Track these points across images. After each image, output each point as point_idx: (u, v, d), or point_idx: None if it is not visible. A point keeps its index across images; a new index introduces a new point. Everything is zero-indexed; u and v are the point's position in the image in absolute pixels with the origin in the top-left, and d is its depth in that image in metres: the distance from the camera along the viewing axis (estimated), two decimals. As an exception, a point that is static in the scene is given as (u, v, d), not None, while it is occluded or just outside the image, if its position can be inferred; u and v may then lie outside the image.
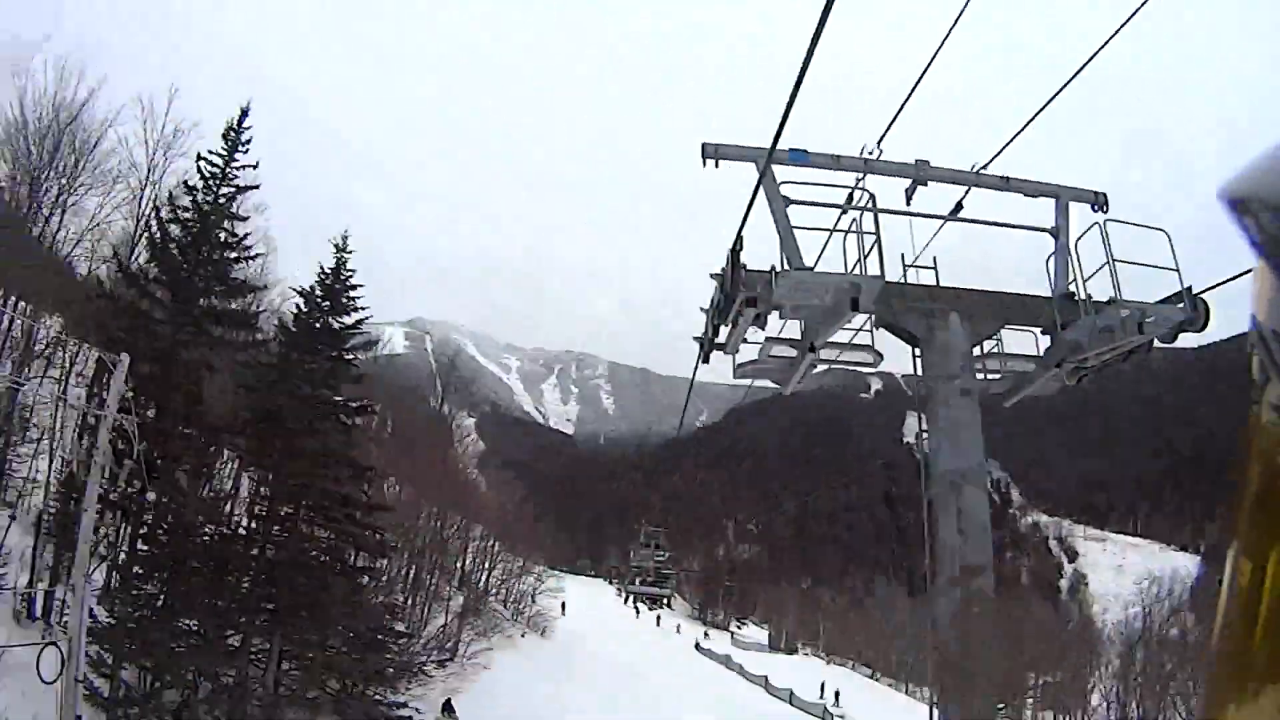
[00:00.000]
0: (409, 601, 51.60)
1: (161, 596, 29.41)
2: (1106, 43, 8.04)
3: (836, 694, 69.41)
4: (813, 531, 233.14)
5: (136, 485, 24.98)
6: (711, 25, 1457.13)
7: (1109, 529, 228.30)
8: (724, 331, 11.14)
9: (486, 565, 68.75)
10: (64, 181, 36.30)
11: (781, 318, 10.99)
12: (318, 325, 33.98)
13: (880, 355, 11.48)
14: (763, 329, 10.98)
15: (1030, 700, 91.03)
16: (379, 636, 35.83)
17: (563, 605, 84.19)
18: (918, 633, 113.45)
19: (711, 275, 11.30)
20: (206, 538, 32.33)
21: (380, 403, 64.55)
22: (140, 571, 28.84)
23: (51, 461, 32.23)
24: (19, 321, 32.71)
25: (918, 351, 10.75)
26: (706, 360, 11.84)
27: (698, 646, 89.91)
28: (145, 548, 29.27)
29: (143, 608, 28.71)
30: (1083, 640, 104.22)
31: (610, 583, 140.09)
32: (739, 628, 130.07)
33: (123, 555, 29.85)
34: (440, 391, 75.92)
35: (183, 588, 29.82)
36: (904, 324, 10.73)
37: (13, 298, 34.09)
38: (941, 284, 11.09)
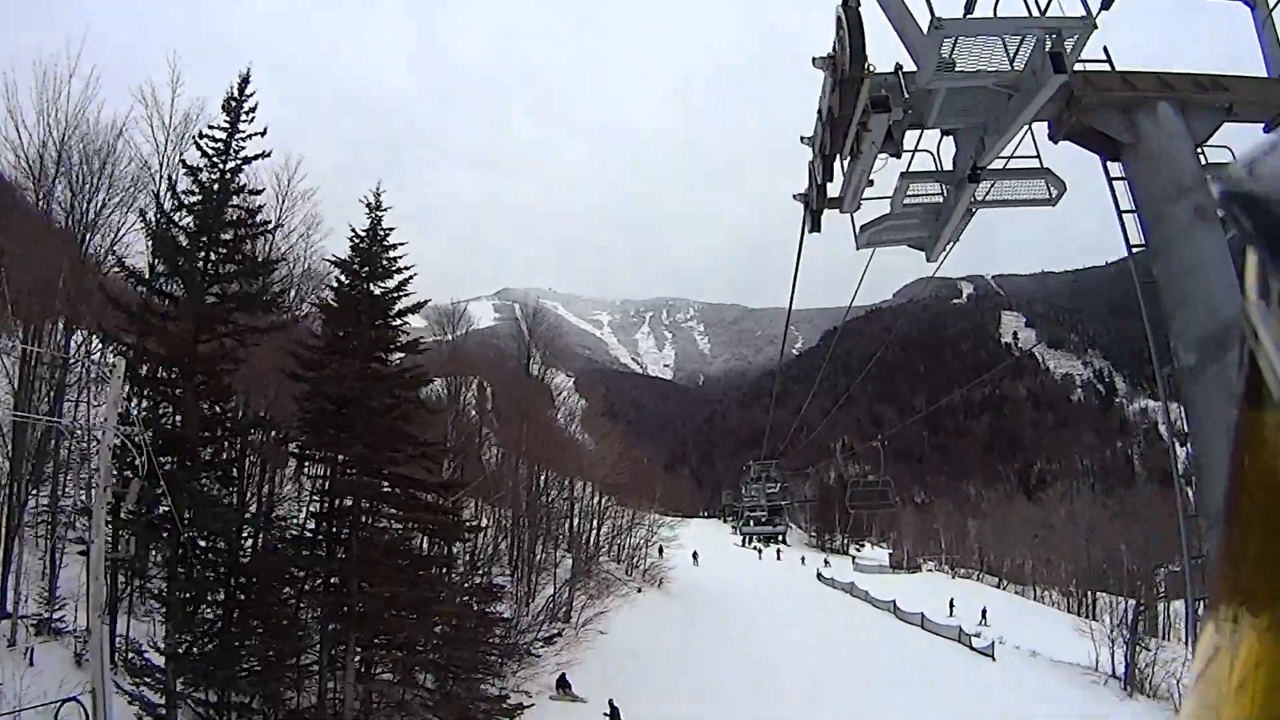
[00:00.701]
0: (515, 575, 49.39)
1: (220, 622, 26.81)
2: None
3: (984, 612, 65.88)
4: (920, 444, 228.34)
5: (162, 506, 22.62)
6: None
7: None
8: (838, 174, 7.77)
9: (595, 522, 66.09)
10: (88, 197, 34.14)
11: (930, 126, 7.54)
12: (356, 294, 30.60)
13: (1063, 183, 7.78)
14: (896, 157, 7.69)
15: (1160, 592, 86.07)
16: (474, 626, 33.13)
17: (694, 555, 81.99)
18: (1037, 534, 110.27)
19: (803, 139, 8.10)
20: (254, 549, 29.99)
21: (475, 375, 62.81)
22: (186, 597, 26.16)
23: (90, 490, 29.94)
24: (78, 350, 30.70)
25: (1115, 168, 7.20)
26: (816, 226, 8.48)
27: (819, 576, 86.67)
28: (183, 570, 26.27)
29: (201, 637, 26.07)
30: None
31: (725, 521, 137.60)
32: (858, 550, 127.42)
33: (162, 584, 27.21)
34: (528, 353, 72.42)
35: (240, 609, 27.26)
36: (1095, 125, 6.95)
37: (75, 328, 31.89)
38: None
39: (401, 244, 31.25)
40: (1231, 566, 1.00)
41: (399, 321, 31.57)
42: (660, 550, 73.43)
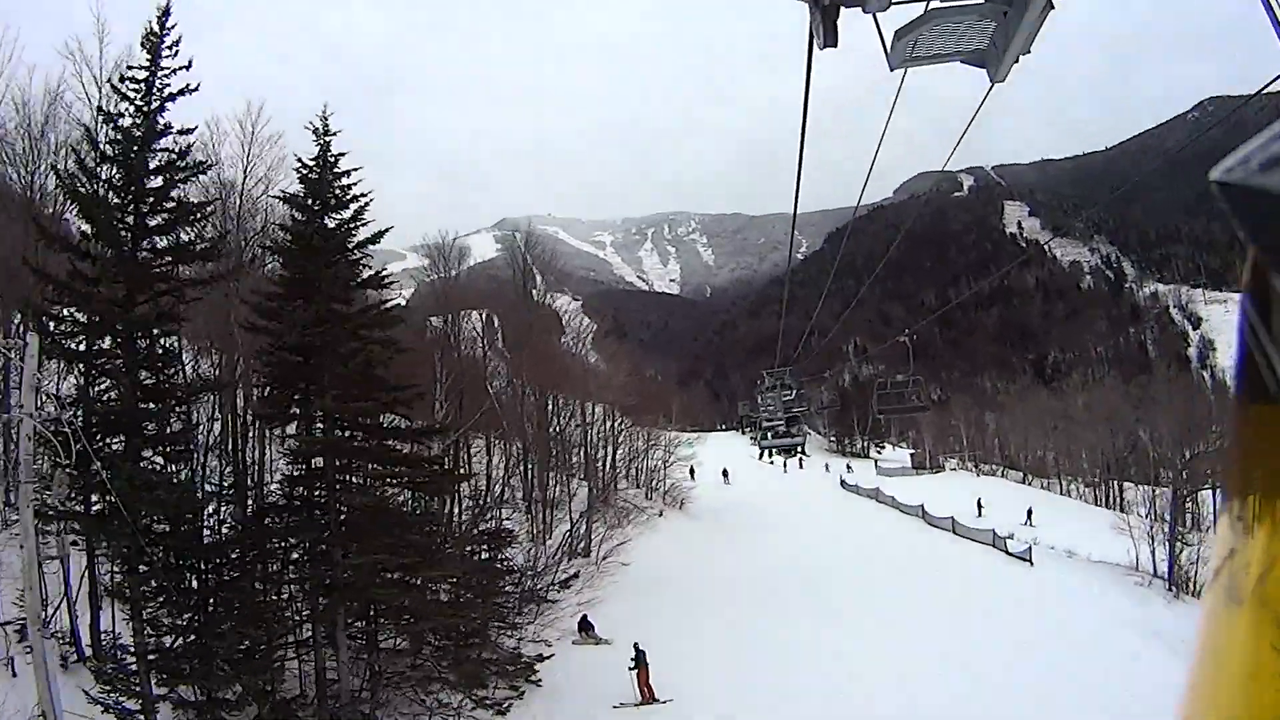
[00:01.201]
0: (529, 512, 47.09)
1: (194, 611, 23.77)
2: None
3: (1029, 512, 63.38)
4: (933, 341, 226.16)
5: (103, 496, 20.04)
6: None
7: (1229, 290, 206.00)
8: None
9: (610, 448, 63.50)
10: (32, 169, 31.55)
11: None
12: (310, 230, 27.21)
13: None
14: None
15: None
16: (481, 580, 30.54)
17: (724, 473, 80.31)
18: (1057, 425, 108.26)
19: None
20: (229, 525, 27.37)
21: (472, 309, 60.19)
22: (147, 591, 23.36)
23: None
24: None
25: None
26: (831, 40, 5.42)
27: (843, 483, 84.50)
28: (144, 564, 23.13)
29: (173, 631, 23.07)
30: (1220, 406, 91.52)
31: (743, 432, 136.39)
32: (879, 452, 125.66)
33: (118, 576, 24.34)
34: (523, 279, 69.82)
35: (214, 594, 24.36)
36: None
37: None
38: None
39: (356, 169, 27.79)
40: (1244, 457, 0.99)
41: (359, 255, 28.32)
42: (692, 472, 71.55)
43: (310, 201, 27.23)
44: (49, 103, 31.63)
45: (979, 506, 65.00)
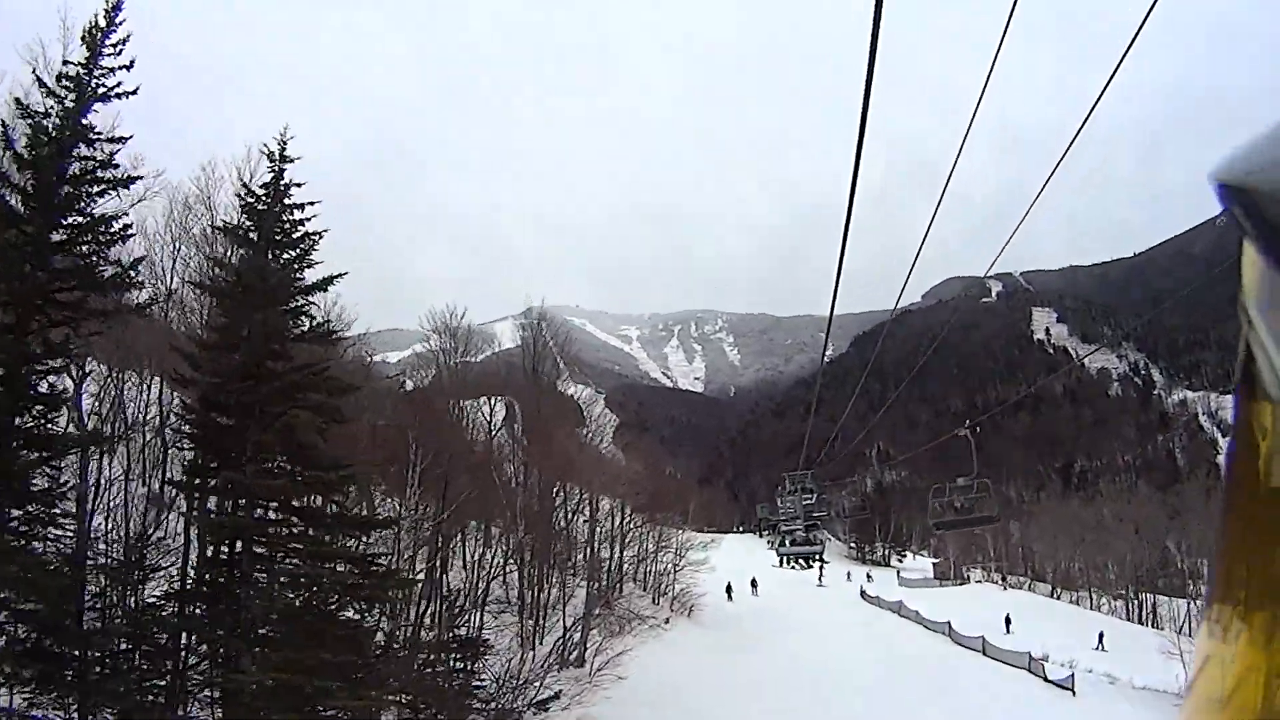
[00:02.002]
0: (521, 612, 42.75)
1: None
2: None
3: (1101, 636, 58.14)
4: (955, 446, 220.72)
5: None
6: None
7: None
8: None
9: (618, 547, 58.53)
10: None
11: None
12: (248, 268, 23.33)
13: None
14: None
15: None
16: (448, 691, 26.15)
17: (753, 583, 75.58)
18: (1085, 536, 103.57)
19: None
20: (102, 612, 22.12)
21: (503, 396, 57.14)
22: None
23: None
24: None
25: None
26: None
27: (864, 594, 79.71)
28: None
29: None
30: None
31: (760, 535, 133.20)
32: (900, 560, 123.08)
33: None
34: (533, 362, 67.09)
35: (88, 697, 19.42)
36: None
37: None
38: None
39: (313, 203, 24.21)
40: (1225, 568, 1.00)
41: (303, 302, 24.49)
42: (729, 591, 67.61)
43: (253, 235, 23.62)
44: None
45: (1007, 623, 60.00)
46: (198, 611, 22.75)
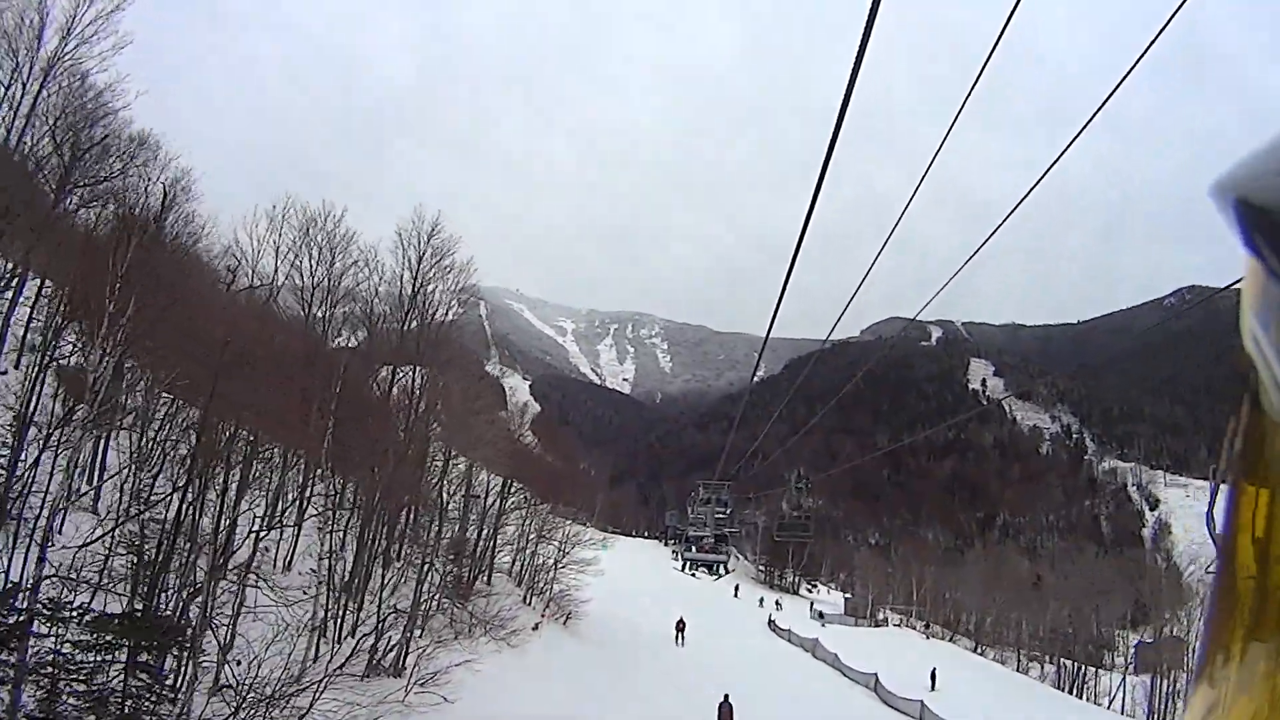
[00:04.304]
0: (329, 596, 31.20)
1: None
2: None
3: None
4: (879, 482, 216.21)
5: None
6: None
7: (1189, 476, 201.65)
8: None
9: (489, 529, 47.79)
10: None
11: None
12: None
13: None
14: None
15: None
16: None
17: (679, 625, 58.49)
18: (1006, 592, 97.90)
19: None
20: None
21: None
22: None
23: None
24: None
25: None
26: None
27: (772, 625, 69.97)
28: None
29: None
30: (1173, 593, 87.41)
31: (665, 544, 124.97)
32: (811, 590, 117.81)
33: None
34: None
35: None
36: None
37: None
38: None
39: None
40: (1222, 623, 0.99)
41: None
42: (680, 631, 54.23)
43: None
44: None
45: (933, 679, 50.55)
46: None
